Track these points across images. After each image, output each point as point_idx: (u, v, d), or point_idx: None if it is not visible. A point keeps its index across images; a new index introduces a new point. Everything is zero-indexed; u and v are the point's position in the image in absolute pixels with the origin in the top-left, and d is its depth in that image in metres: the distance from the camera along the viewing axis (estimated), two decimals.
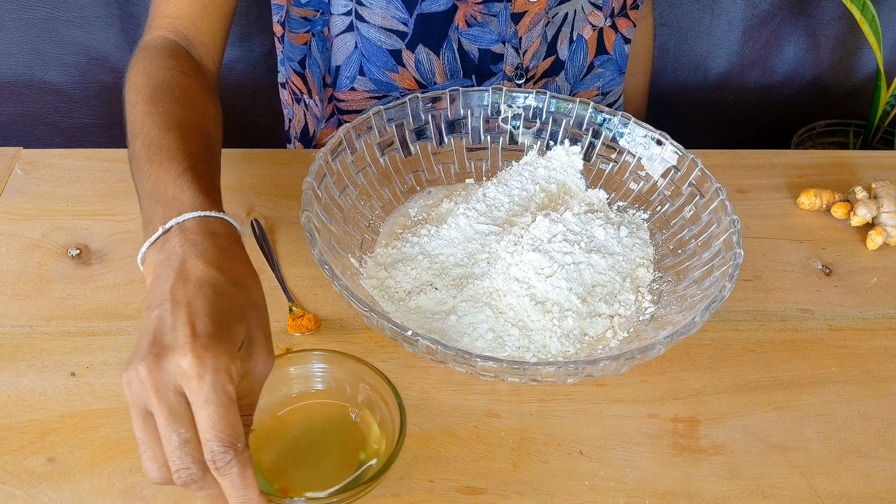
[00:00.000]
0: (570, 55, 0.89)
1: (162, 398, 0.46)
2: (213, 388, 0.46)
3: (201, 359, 0.46)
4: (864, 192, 0.81)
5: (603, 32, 0.89)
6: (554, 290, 0.65)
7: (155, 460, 0.47)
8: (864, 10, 1.11)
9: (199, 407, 0.46)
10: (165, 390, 0.47)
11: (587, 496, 0.58)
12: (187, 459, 0.46)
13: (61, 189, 0.79)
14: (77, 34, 1.12)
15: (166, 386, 0.47)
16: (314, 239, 0.61)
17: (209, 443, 0.46)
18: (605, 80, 0.93)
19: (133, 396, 0.47)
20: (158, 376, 0.46)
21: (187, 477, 0.46)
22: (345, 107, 0.90)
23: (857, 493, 0.59)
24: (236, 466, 0.46)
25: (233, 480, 0.47)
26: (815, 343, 0.69)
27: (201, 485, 0.47)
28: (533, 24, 0.84)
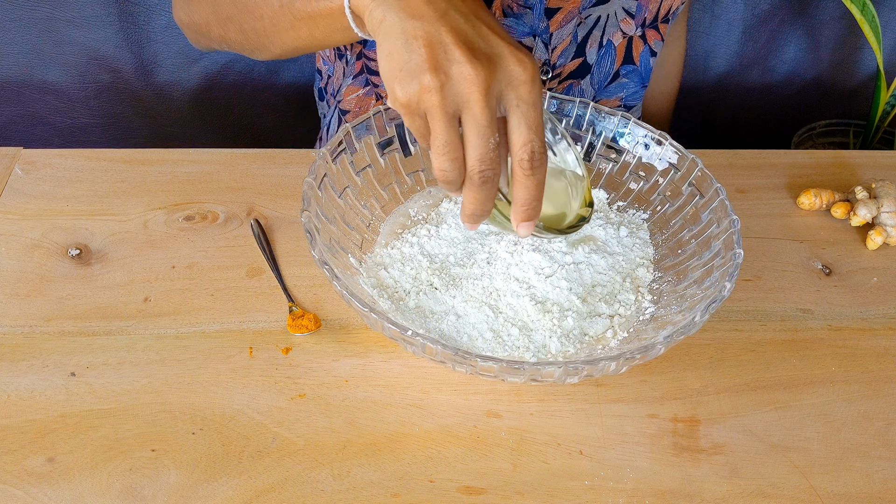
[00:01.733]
0: (597, 60, 0.90)
1: (489, 102, 0.49)
2: (540, 90, 0.50)
3: (532, 62, 0.49)
4: (864, 192, 0.81)
5: (632, 41, 0.90)
6: (554, 290, 0.65)
7: (456, 161, 0.51)
8: (864, 10, 1.11)
9: (530, 107, 0.50)
10: (492, 95, 0.49)
11: (587, 496, 0.58)
12: (496, 160, 0.50)
13: (61, 189, 0.79)
14: (77, 34, 1.12)
15: (493, 90, 0.49)
16: (314, 239, 0.61)
17: (532, 143, 0.50)
18: (629, 92, 0.94)
19: (445, 100, 0.49)
20: (491, 79, 0.49)
21: (491, 176, 0.51)
22: (374, 66, 0.89)
23: (857, 493, 0.59)
24: (545, 166, 0.51)
25: (538, 180, 0.51)
26: (815, 343, 0.69)
27: (492, 183, 0.51)
28: (565, 22, 0.85)
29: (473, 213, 0.54)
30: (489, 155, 0.50)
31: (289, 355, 0.66)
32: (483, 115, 0.49)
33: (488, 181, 0.51)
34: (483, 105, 0.49)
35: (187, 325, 0.68)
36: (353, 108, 0.92)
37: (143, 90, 1.19)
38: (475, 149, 0.50)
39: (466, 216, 0.54)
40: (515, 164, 0.51)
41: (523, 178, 0.51)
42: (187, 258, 0.73)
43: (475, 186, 0.52)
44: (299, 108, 1.25)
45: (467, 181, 0.52)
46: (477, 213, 0.54)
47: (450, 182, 0.52)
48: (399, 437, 0.61)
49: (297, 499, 0.57)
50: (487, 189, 0.52)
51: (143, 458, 0.59)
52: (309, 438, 0.60)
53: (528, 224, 0.54)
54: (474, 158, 0.50)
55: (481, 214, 0.54)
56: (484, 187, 0.52)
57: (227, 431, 0.61)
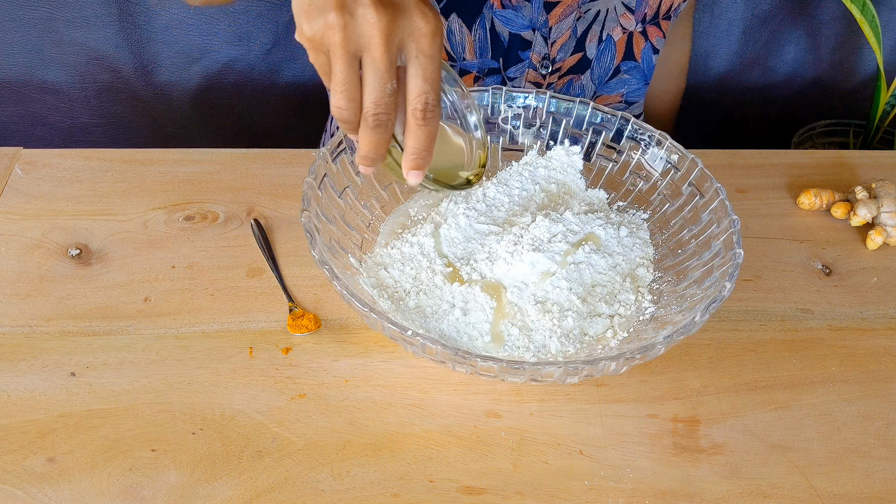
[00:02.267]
0: (597, 55, 0.90)
1: (389, 47, 0.50)
2: (440, 45, 0.51)
3: (436, 17, 0.51)
4: (864, 192, 0.81)
5: (633, 37, 0.90)
6: (554, 290, 0.65)
7: (353, 101, 0.52)
8: (864, 10, 1.11)
9: (428, 59, 0.51)
10: (393, 42, 0.50)
11: (587, 496, 0.58)
12: (391, 105, 0.52)
13: (61, 189, 0.79)
14: (77, 34, 1.12)
15: (395, 38, 0.50)
16: (314, 239, 0.61)
17: (427, 94, 0.51)
18: (631, 89, 0.94)
19: (347, 40, 0.50)
20: (393, 26, 0.50)
21: (385, 120, 0.52)
22: None
23: (857, 493, 0.59)
24: (437, 118, 0.52)
25: (429, 130, 0.53)
26: (815, 343, 0.69)
27: (386, 128, 0.53)
28: (564, 16, 0.85)
29: (367, 156, 0.55)
30: (385, 99, 0.51)
31: (289, 355, 0.66)
32: (382, 60, 0.51)
33: (382, 125, 0.52)
34: (383, 50, 0.50)
35: (187, 325, 0.68)
36: None
37: (143, 90, 1.19)
38: (371, 92, 0.52)
39: (360, 157, 0.56)
40: (409, 112, 0.53)
41: (415, 128, 0.53)
42: (187, 258, 0.73)
43: (369, 128, 0.53)
44: (299, 108, 1.25)
45: (362, 122, 0.53)
46: (370, 155, 0.55)
47: (345, 121, 0.53)
48: (399, 437, 0.61)
49: (297, 499, 0.57)
50: (381, 133, 0.53)
51: (143, 458, 0.59)
52: (309, 438, 0.60)
53: (417, 172, 0.55)
54: (370, 101, 0.52)
55: (374, 158, 0.55)
56: (377, 130, 0.53)
57: (227, 431, 0.61)
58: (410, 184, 0.56)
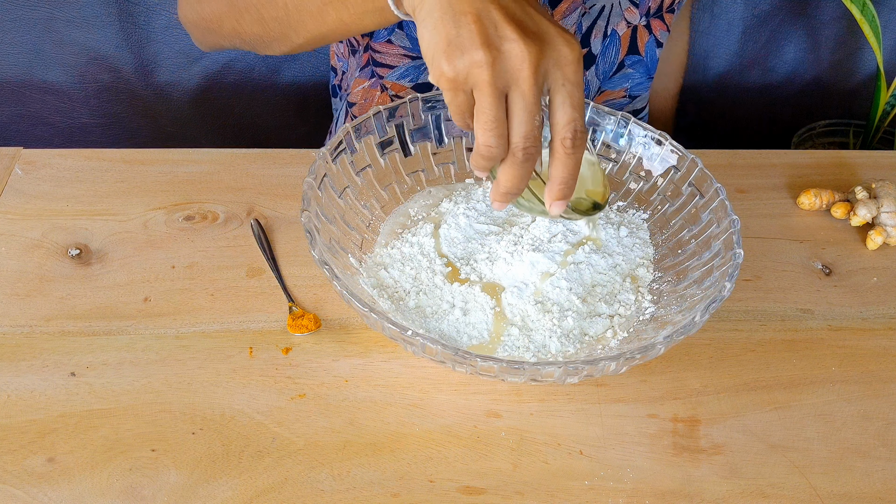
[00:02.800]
0: (602, 50, 0.89)
1: (537, 80, 0.50)
2: (582, 72, 0.51)
3: (577, 46, 0.51)
4: (864, 192, 0.81)
5: (637, 31, 0.90)
6: (554, 290, 0.65)
7: (501, 137, 0.51)
8: (864, 10, 1.11)
9: (575, 87, 0.51)
10: (540, 75, 0.50)
11: (587, 496, 0.58)
12: (539, 137, 0.51)
13: (61, 189, 0.79)
14: (77, 34, 1.12)
15: (542, 69, 0.50)
16: (314, 239, 0.61)
17: (576, 121, 0.51)
18: (634, 83, 0.93)
19: (495, 76, 0.50)
20: (541, 58, 0.49)
21: (533, 153, 0.52)
22: (379, 59, 0.89)
23: (857, 493, 0.59)
24: (584, 147, 0.52)
25: (577, 160, 0.52)
26: (815, 343, 0.69)
27: (532, 162, 0.52)
28: (569, 12, 0.85)
29: (508, 192, 0.54)
30: (534, 133, 0.51)
31: (289, 355, 0.66)
32: (532, 93, 0.50)
33: (531, 158, 0.52)
34: (532, 83, 0.50)
35: (187, 325, 0.68)
36: (359, 101, 0.92)
37: (143, 90, 1.19)
38: (521, 125, 0.51)
39: (500, 194, 0.55)
40: (557, 142, 0.52)
41: (564, 157, 0.52)
42: (187, 258, 0.73)
43: (518, 163, 0.52)
44: (299, 107, 1.24)
45: (509, 157, 0.52)
46: (512, 190, 0.54)
47: (492, 158, 0.53)
48: (399, 437, 0.61)
49: (297, 499, 0.57)
50: (528, 167, 0.53)
51: (143, 458, 0.59)
52: (309, 438, 0.60)
53: (561, 203, 0.54)
54: (519, 136, 0.51)
55: (516, 193, 0.54)
56: (525, 164, 0.52)
57: (227, 431, 0.61)
58: (553, 215, 0.55)
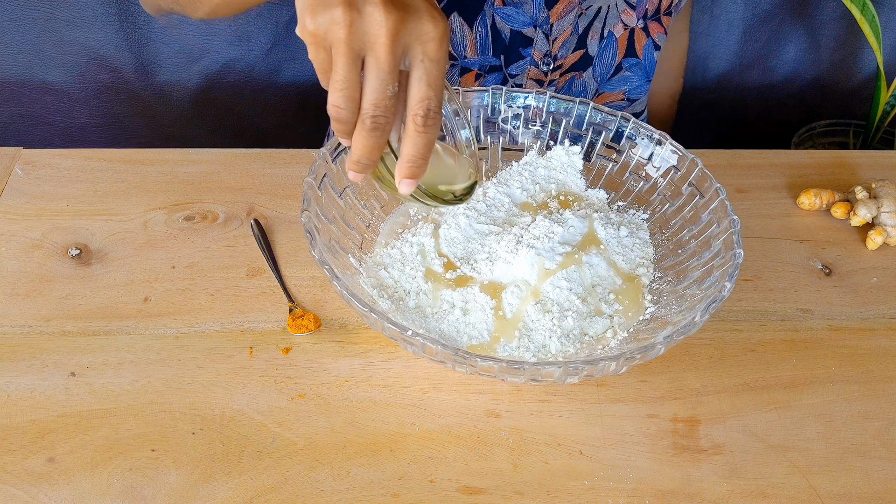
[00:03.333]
0: (599, 52, 0.90)
1: (394, 49, 0.49)
2: (447, 51, 0.50)
3: (444, 23, 0.50)
4: (864, 192, 0.81)
5: (634, 33, 0.90)
6: (554, 290, 0.65)
7: (351, 100, 0.50)
8: (864, 10, 1.11)
9: (433, 64, 0.50)
10: (398, 43, 0.49)
11: (587, 496, 0.58)
12: (391, 108, 0.50)
13: (61, 189, 0.79)
14: (77, 34, 1.12)
15: (402, 40, 0.49)
16: (314, 239, 0.61)
17: (429, 100, 0.50)
18: (633, 86, 0.94)
19: (352, 37, 0.49)
20: (401, 27, 0.49)
21: (383, 123, 0.51)
22: None
23: (857, 493, 0.59)
24: (437, 126, 0.51)
25: (429, 138, 0.51)
26: (815, 343, 0.69)
27: (382, 132, 0.51)
28: (566, 13, 0.85)
29: (359, 160, 0.53)
30: (385, 102, 0.50)
31: (289, 355, 0.66)
32: (386, 61, 0.49)
33: (379, 128, 0.51)
34: (388, 50, 0.49)
35: (187, 325, 0.68)
36: None
37: (143, 90, 1.19)
38: (372, 92, 0.50)
39: (352, 162, 0.54)
40: (409, 118, 0.51)
41: (414, 134, 0.51)
42: (187, 258, 0.73)
43: (366, 131, 0.51)
44: (299, 107, 1.25)
45: (359, 124, 0.52)
46: (363, 160, 0.53)
47: (341, 121, 0.52)
48: (399, 437, 0.61)
49: (297, 499, 0.57)
50: (377, 136, 0.52)
51: (143, 458, 0.59)
52: (309, 438, 0.60)
53: (410, 182, 0.54)
54: (369, 102, 0.50)
55: (367, 163, 0.54)
56: (374, 133, 0.51)
57: (227, 431, 0.61)
58: (402, 193, 0.54)
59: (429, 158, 0.53)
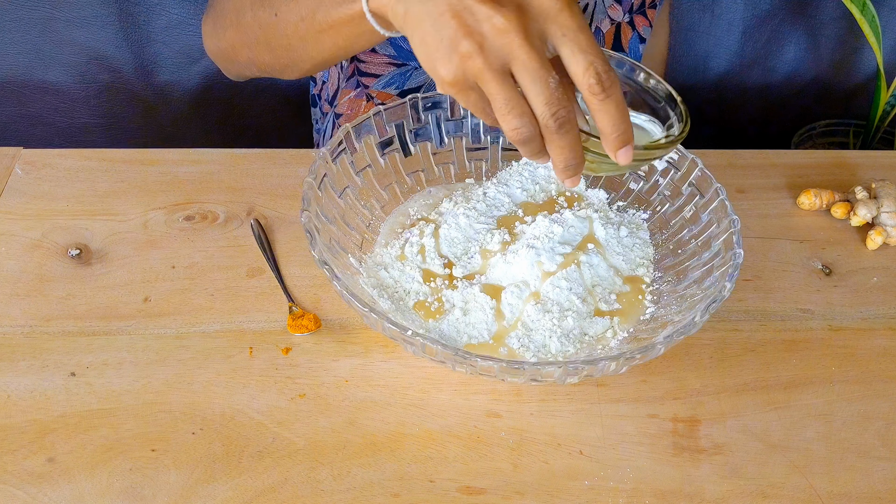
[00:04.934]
0: None
1: (533, 44, 0.47)
2: (581, 14, 0.47)
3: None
4: (864, 192, 0.81)
5: (620, 28, 0.89)
6: (554, 290, 0.65)
7: (524, 115, 0.48)
8: (864, 10, 1.11)
9: (576, 31, 0.47)
10: (533, 36, 0.47)
11: (587, 496, 0.58)
12: (564, 98, 0.48)
13: (61, 189, 0.79)
14: (77, 34, 1.12)
15: (533, 31, 0.47)
16: (314, 239, 0.61)
17: (592, 64, 0.47)
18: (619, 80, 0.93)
19: (488, 59, 0.47)
20: (525, 20, 0.47)
21: (565, 115, 0.48)
22: (364, 68, 0.88)
23: (857, 493, 0.59)
24: (618, 84, 0.47)
25: (617, 99, 0.48)
26: (815, 343, 0.69)
27: (572, 124, 0.48)
28: None
29: (567, 166, 0.51)
30: (554, 95, 0.48)
31: (289, 355, 0.66)
32: (531, 58, 0.47)
33: (565, 123, 0.48)
34: (527, 48, 0.47)
35: (187, 325, 0.68)
36: (346, 111, 0.92)
37: (143, 90, 1.19)
38: (538, 95, 0.48)
39: (562, 171, 0.51)
40: (586, 93, 0.48)
41: (600, 104, 0.48)
42: (187, 258, 0.73)
43: (554, 133, 0.49)
44: (299, 108, 1.24)
45: (545, 133, 0.49)
46: (570, 163, 0.50)
47: (527, 140, 0.49)
48: (399, 437, 0.61)
49: (297, 499, 0.57)
50: (567, 132, 0.49)
51: (143, 458, 0.59)
52: (309, 438, 0.60)
53: (625, 150, 0.50)
54: (541, 105, 0.48)
55: (575, 164, 0.51)
56: (563, 131, 0.49)
57: (227, 431, 0.61)
58: (624, 164, 0.51)
59: (629, 118, 0.49)
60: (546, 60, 0.48)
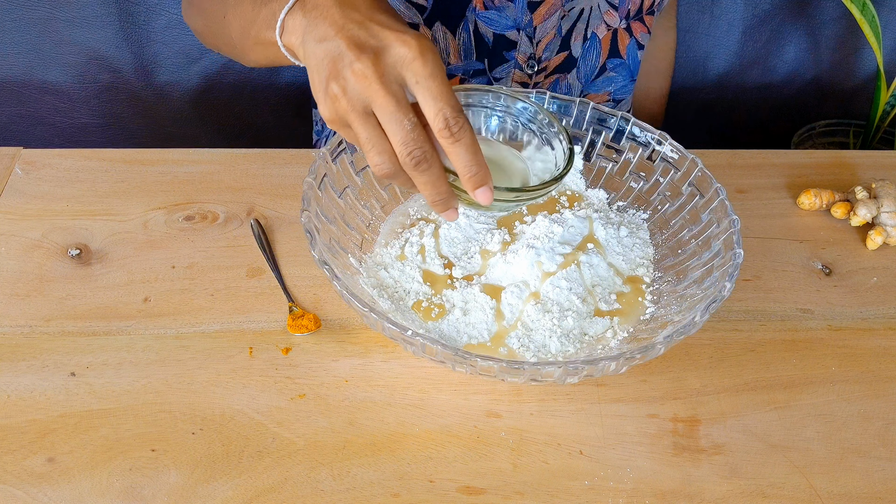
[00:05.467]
0: (583, 53, 0.90)
1: (388, 89, 0.50)
2: (435, 62, 0.51)
3: (418, 40, 0.51)
4: (864, 192, 0.81)
5: (617, 34, 0.90)
6: (554, 289, 0.65)
7: (384, 153, 0.52)
8: (864, 10, 1.11)
9: (427, 79, 0.50)
10: (389, 81, 0.50)
11: (587, 496, 0.58)
12: (420, 139, 0.51)
13: (61, 189, 0.79)
14: (77, 34, 1.12)
15: (389, 76, 0.50)
16: (314, 239, 0.61)
17: (441, 111, 0.50)
18: (618, 86, 0.94)
19: (351, 101, 0.51)
20: (381, 68, 0.50)
21: (420, 155, 0.51)
22: None
23: (857, 493, 0.59)
24: (467, 129, 0.51)
25: (466, 143, 0.51)
26: (815, 343, 0.69)
27: (430, 163, 0.52)
28: (549, 15, 0.85)
29: (434, 200, 0.54)
30: (409, 136, 0.51)
31: (289, 355, 0.66)
32: (387, 101, 0.50)
33: (421, 161, 0.52)
34: (383, 92, 0.50)
35: (187, 325, 0.68)
36: None
37: (143, 90, 1.19)
38: (394, 134, 0.51)
39: (432, 205, 0.55)
40: (437, 137, 0.52)
41: (450, 148, 0.52)
42: (187, 258, 0.73)
43: (412, 170, 0.52)
44: (299, 107, 1.25)
45: (406, 169, 0.53)
46: (435, 198, 0.54)
47: (391, 175, 0.53)
48: (399, 437, 0.61)
49: (297, 499, 0.57)
50: (425, 171, 0.52)
51: (143, 458, 0.59)
52: (309, 438, 0.60)
53: (483, 189, 0.53)
54: (398, 144, 0.52)
55: (442, 199, 0.54)
56: (420, 169, 0.52)
57: (227, 431, 0.61)
58: (485, 203, 0.54)
59: (482, 160, 0.53)
60: (403, 103, 0.51)
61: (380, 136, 0.52)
